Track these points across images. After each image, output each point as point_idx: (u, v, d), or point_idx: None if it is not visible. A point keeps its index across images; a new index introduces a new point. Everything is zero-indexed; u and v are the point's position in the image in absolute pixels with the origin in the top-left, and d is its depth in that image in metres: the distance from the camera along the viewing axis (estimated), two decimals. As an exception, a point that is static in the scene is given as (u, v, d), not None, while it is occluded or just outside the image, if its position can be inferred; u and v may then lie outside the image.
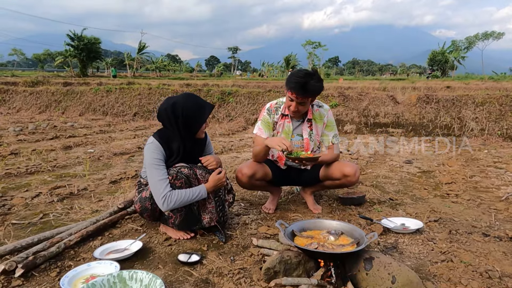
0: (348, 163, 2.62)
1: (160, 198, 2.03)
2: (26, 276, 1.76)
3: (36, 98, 11.55)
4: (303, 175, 2.76)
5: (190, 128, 2.15)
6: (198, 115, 2.13)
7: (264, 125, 2.62)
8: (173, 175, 2.08)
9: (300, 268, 1.72)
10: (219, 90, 9.97)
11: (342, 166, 2.56)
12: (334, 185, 2.70)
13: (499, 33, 52.76)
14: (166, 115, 2.11)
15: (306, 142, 2.59)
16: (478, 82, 17.33)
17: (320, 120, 2.62)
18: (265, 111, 2.64)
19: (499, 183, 3.62)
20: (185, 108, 2.10)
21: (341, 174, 2.54)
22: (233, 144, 5.92)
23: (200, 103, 2.17)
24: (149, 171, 2.09)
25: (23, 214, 2.64)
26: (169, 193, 2.03)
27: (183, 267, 1.89)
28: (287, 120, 2.60)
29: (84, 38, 35.12)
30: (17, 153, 4.76)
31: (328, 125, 2.65)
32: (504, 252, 2.08)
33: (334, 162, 2.63)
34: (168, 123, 2.13)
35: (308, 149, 2.58)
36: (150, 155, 2.09)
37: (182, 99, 2.14)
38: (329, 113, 2.66)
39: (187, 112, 2.10)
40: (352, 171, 2.51)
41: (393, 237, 2.31)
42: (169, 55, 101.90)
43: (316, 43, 57.81)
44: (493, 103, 7.22)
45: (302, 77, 2.31)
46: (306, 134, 2.60)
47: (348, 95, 8.62)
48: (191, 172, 2.13)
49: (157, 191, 2.04)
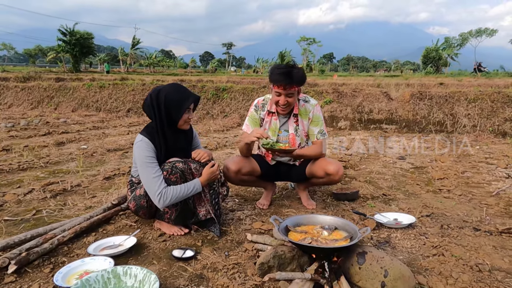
0: (331, 161, 2.59)
1: (155, 195, 2.03)
2: (19, 272, 1.75)
3: (28, 94, 11.41)
4: (292, 171, 2.76)
5: (170, 115, 2.12)
6: (180, 101, 2.12)
7: (251, 121, 2.63)
8: (168, 170, 2.08)
9: (294, 262, 1.74)
10: (214, 86, 9.93)
11: (325, 165, 2.54)
12: (319, 182, 2.70)
13: (492, 30, 53.15)
14: (150, 101, 2.10)
15: (292, 137, 2.59)
16: (471, 79, 17.47)
17: (306, 115, 2.60)
18: (252, 107, 2.64)
19: (490, 179, 3.67)
20: (168, 93, 2.10)
21: (323, 172, 2.54)
22: (228, 140, 5.92)
23: (183, 91, 2.17)
24: (142, 169, 2.07)
25: (15, 210, 2.62)
26: (165, 190, 2.03)
27: (177, 262, 1.90)
28: (274, 117, 2.59)
29: (76, 33, 34.68)
30: (8, 149, 4.71)
31: (314, 120, 2.61)
32: (494, 246, 2.11)
33: (318, 160, 2.60)
34: (151, 109, 2.11)
35: (294, 144, 2.57)
36: (141, 153, 2.07)
37: (167, 86, 2.16)
38: (316, 108, 2.62)
39: (169, 98, 2.09)
40: (335, 170, 2.50)
41: (386, 232, 2.33)
42: (163, 50, 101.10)
43: (311, 39, 57.79)
44: (485, 99, 7.29)
45: (284, 67, 2.34)
46: (292, 129, 2.60)
47: (342, 91, 8.65)
48: (185, 167, 2.13)
49: (152, 188, 2.04)
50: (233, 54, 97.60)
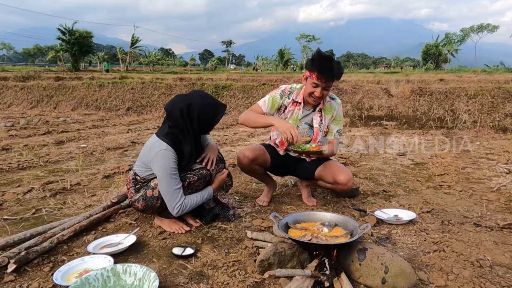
0: (343, 169, 2.50)
1: (175, 206, 2.07)
2: (19, 271, 1.75)
3: (28, 93, 11.40)
4: (299, 166, 2.72)
5: (203, 129, 2.15)
6: (214, 116, 2.12)
7: (270, 101, 2.54)
8: (194, 179, 2.14)
9: (294, 259, 1.73)
10: (213, 84, 9.92)
11: (336, 172, 2.47)
12: (326, 186, 2.64)
13: (494, 26, 52.96)
14: (181, 116, 2.04)
15: (316, 131, 2.55)
16: (471, 74, 17.43)
17: (330, 112, 2.58)
18: (279, 91, 2.58)
19: (490, 174, 3.66)
20: (202, 110, 2.06)
21: (333, 179, 2.48)
22: (228, 138, 5.91)
23: (214, 104, 2.13)
24: (164, 179, 2.04)
25: (15, 209, 2.62)
26: (184, 203, 2.10)
27: (177, 260, 1.89)
28: (297, 108, 2.55)
29: (75, 32, 34.64)
30: (8, 149, 4.70)
31: (336, 119, 2.61)
32: (495, 241, 2.11)
33: (330, 165, 2.56)
34: (182, 124, 2.05)
35: (316, 139, 2.54)
36: (166, 163, 2.02)
37: (198, 100, 2.07)
38: (340, 107, 2.62)
39: (204, 115, 2.06)
40: (345, 179, 2.43)
41: (386, 228, 2.33)
42: (162, 49, 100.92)
43: (310, 37, 57.64)
44: (486, 95, 7.28)
45: (329, 60, 2.30)
46: (316, 123, 2.55)
47: (342, 88, 8.63)
48: (208, 173, 2.22)
49: (173, 200, 2.06)
50: (233, 52, 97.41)
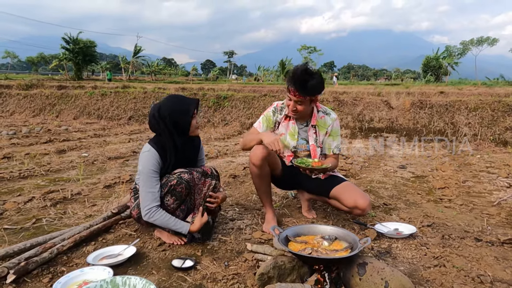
0: (363, 194, 2.40)
1: (145, 209, 2.09)
2: (18, 282, 1.74)
3: (30, 101, 11.47)
4: (312, 179, 2.59)
5: (178, 125, 2.17)
6: (184, 110, 2.17)
7: (265, 120, 2.57)
8: (173, 182, 2.11)
9: (294, 273, 1.73)
10: (215, 94, 9.98)
11: (357, 197, 2.35)
12: (338, 206, 2.53)
13: (494, 39, 53.42)
14: (155, 120, 2.14)
15: (313, 148, 2.54)
16: (471, 87, 17.51)
17: (323, 127, 2.56)
18: (271, 108, 2.60)
19: (491, 188, 3.66)
20: (169, 107, 2.15)
21: (354, 204, 2.34)
22: (228, 148, 5.93)
23: (183, 99, 2.23)
24: (143, 180, 2.12)
25: (15, 219, 2.62)
26: (155, 209, 2.09)
27: (177, 272, 1.89)
28: (291, 122, 2.55)
29: (79, 41, 35.01)
30: (10, 157, 4.72)
31: (332, 135, 2.57)
32: (496, 257, 2.10)
33: (351, 188, 2.45)
34: (158, 127, 2.15)
35: (315, 156, 2.53)
36: (145, 164, 2.12)
37: (165, 101, 2.20)
38: (336, 122, 2.58)
39: (172, 110, 2.14)
40: (365, 205, 2.32)
41: (386, 242, 2.32)
42: (165, 58, 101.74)
43: (312, 48, 58.08)
44: (486, 108, 7.30)
45: (301, 75, 2.26)
46: (312, 140, 2.55)
47: (343, 100, 8.68)
48: (191, 177, 2.18)
49: (144, 201, 2.10)
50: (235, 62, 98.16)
